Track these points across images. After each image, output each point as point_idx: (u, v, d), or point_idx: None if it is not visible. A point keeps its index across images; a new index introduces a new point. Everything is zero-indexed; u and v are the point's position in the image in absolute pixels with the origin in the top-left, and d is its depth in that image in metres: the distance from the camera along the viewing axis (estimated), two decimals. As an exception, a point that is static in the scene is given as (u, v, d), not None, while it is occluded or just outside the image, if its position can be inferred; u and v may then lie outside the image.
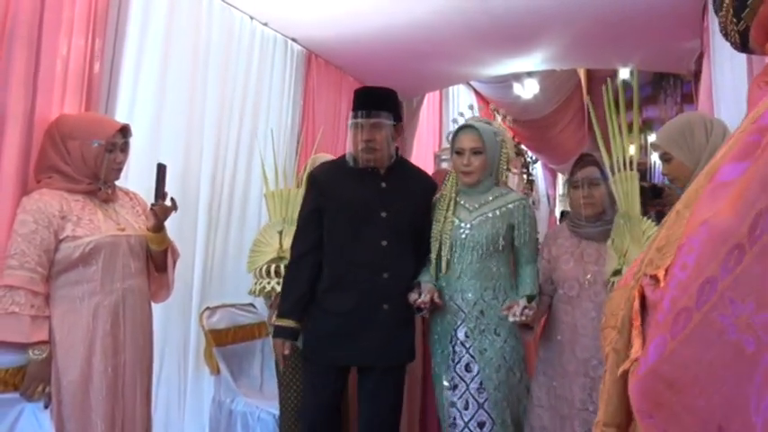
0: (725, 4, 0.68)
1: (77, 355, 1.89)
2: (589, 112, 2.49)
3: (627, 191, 2.02)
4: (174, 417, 2.75)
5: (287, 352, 2.23)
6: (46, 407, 1.87)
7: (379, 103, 2.24)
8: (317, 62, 3.76)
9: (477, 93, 6.83)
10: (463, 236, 2.21)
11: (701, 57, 3.41)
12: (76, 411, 1.89)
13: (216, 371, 2.69)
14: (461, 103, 6.51)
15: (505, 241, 2.22)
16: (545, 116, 6.95)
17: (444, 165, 5.62)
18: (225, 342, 2.76)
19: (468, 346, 2.21)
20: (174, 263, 2.26)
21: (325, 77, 3.84)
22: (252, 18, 3.19)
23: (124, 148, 2.06)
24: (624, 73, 5.90)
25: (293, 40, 3.52)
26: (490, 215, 2.22)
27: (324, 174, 2.33)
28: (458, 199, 2.27)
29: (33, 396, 1.84)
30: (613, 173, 2.05)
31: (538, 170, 8.85)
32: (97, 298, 1.94)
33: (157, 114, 2.64)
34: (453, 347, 2.23)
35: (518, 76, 5.74)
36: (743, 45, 0.69)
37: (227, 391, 2.69)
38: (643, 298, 0.68)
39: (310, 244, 2.26)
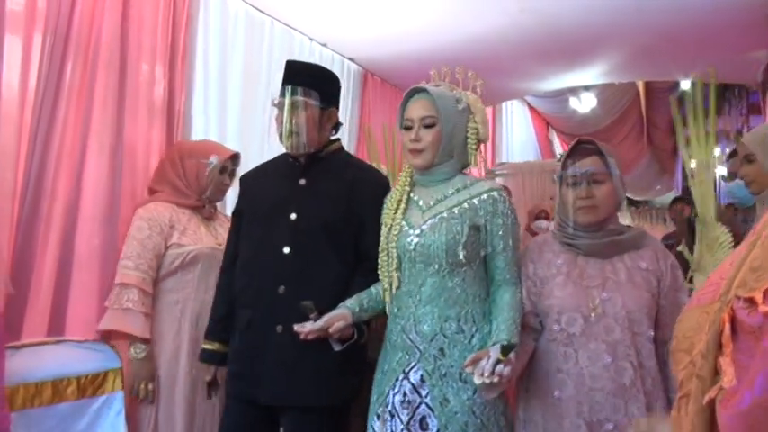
0: None
1: (167, 354, 2.08)
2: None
3: (702, 193, 1.81)
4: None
5: (207, 378, 1.92)
6: (151, 402, 2.05)
7: (305, 79, 1.84)
8: (372, 81, 3.84)
9: (530, 107, 6.79)
10: (411, 246, 1.63)
11: (768, 67, 3.29)
12: (164, 404, 2.07)
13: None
14: (515, 118, 6.49)
15: (471, 250, 1.61)
16: (602, 129, 6.83)
17: (499, 180, 5.60)
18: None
19: (424, 393, 1.61)
20: None
21: (380, 95, 3.92)
22: (311, 39, 3.30)
23: (232, 174, 2.26)
24: (685, 84, 5.73)
25: (350, 59, 3.62)
26: (446, 214, 1.63)
27: (250, 173, 2.01)
28: (412, 194, 1.72)
29: (140, 395, 2.02)
30: (693, 176, 1.81)
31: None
32: (189, 304, 2.11)
33: (221, 133, 2.75)
34: (398, 394, 1.64)
35: (575, 90, 5.68)
36: None
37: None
38: (733, 321, 0.65)
39: (234, 253, 1.91)
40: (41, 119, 1.98)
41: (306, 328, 1.62)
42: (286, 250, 1.77)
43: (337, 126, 1.91)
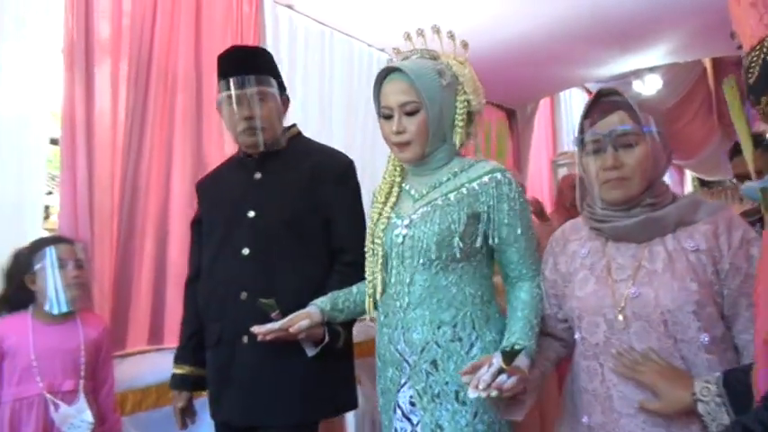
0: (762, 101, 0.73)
1: None
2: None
3: None
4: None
5: (180, 405, 1.70)
6: None
7: (258, 65, 1.61)
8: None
9: (590, 94, 6.64)
10: (399, 239, 1.38)
11: None
12: None
13: (358, 381, 2.82)
14: (574, 106, 6.37)
15: (470, 243, 1.34)
16: (668, 110, 6.59)
17: (563, 171, 5.52)
18: (363, 354, 2.89)
19: (415, 421, 1.35)
20: None
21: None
22: (369, 45, 3.38)
23: None
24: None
25: (408, 61, 3.67)
26: (440, 202, 1.36)
27: (205, 180, 1.82)
28: (404, 184, 1.46)
29: None
30: None
31: (662, 167, 8.35)
32: None
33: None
34: (395, 419, 1.39)
35: (638, 73, 5.51)
36: None
37: (367, 400, 2.81)
38: None
39: (197, 264, 1.73)
40: (131, 142, 2.14)
41: (263, 329, 1.42)
42: (245, 252, 1.59)
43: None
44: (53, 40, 1.99)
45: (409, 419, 1.36)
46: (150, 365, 2.07)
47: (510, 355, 1.14)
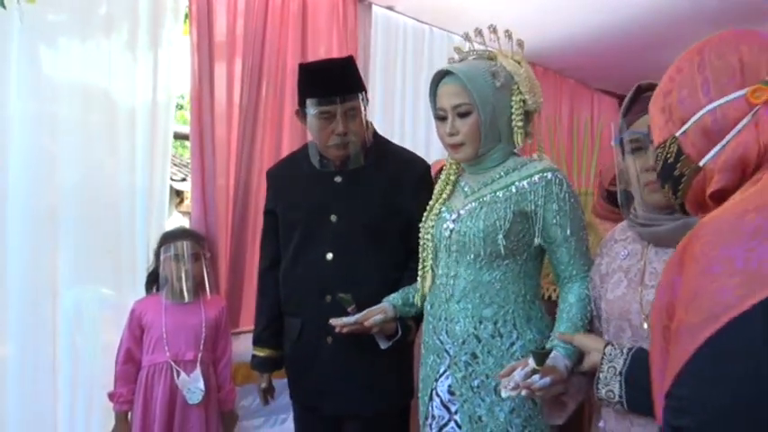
0: (666, 186, 0.83)
1: None
2: None
3: None
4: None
5: (264, 386, 1.90)
6: None
7: (347, 79, 1.70)
8: (534, 71, 3.80)
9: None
10: (447, 233, 1.44)
11: None
12: None
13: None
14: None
15: (516, 241, 1.38)
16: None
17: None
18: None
19: (453, 409, 1.41)
20: None
21: (543, 83, 3.88)
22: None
23: None
24: None
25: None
26: (487, 198, 1.41)
27: (278, 169, 1.91)
28: (460, 180, 1.52)
29: None
30: None
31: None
32: None
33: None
34: (431, 408, 1.47)
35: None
36: (684, 212, 0.86)
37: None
38: None
39: (272, 254, 1.86)
40: (245, 139, 2.32)
41: (340, 322, 1.55)
42: (329, 256, 1.71)
43: None
44: (177, 44, 2.24)
45: (447, 408, 1.43)
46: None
47: (541, 356, 1.18)
